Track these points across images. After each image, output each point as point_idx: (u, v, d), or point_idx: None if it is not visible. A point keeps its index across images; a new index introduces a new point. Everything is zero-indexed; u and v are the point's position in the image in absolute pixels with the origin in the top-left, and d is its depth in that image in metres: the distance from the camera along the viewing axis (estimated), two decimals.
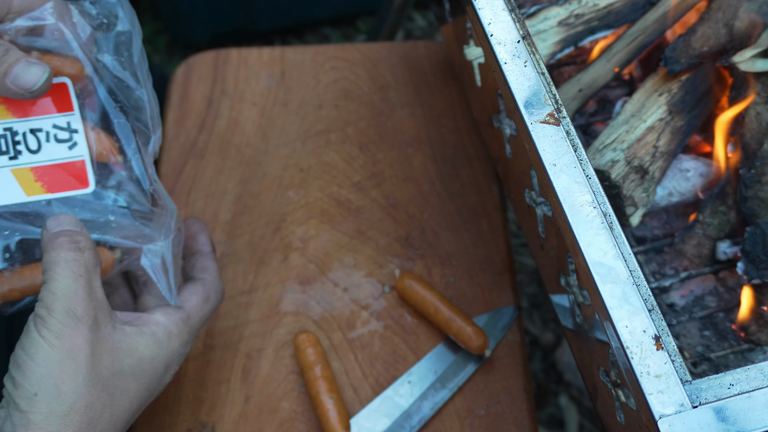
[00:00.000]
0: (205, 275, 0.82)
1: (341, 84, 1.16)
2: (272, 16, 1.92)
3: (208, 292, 0.80)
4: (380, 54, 1.19)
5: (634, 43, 0.94)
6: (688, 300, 0.91)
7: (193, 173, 1.09)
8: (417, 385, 0.94)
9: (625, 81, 1.03)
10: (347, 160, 1.10)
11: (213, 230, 1.04)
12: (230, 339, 0.97)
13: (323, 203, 1.07)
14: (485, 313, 0.99)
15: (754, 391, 0.62)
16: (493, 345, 0.96)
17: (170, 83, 1.16)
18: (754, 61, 0.87)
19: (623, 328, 0.64)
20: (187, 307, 0.78)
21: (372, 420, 0.92)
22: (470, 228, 1.05)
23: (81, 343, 0.67)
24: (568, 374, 1.61)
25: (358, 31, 2.03)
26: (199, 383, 0.95)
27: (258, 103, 1.14)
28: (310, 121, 1.13)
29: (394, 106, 1.14)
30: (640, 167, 0.87)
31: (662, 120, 0.89)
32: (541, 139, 0.72)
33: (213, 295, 0.81)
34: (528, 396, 0.95)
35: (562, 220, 0.69)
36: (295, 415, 0.93)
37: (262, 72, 1.17)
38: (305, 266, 1.02)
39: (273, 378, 0.95)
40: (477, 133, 1.12)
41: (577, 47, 0.96)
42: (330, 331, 0.98)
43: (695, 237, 0.91)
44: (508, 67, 0.76)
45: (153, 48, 2.01)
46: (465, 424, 0.93)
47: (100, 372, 0.68)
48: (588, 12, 0.95)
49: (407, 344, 0.97)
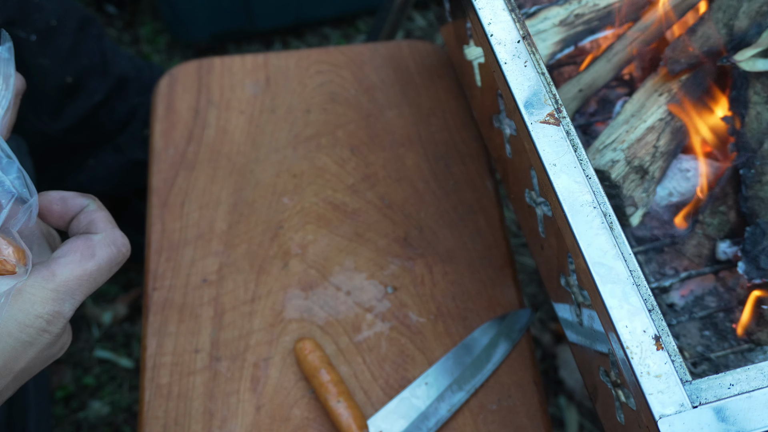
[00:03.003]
0: (92, 229, 0.65)
1: (328, 87, 1.16)
2: (272, 16, 1.92)
3: (92, 247, 0.63)
4: (364, 56, 1.19)
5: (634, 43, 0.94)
6: (688, 300, 0.91)
7: (185, 185, 1.08)
8: (434, 387, 0.94)
9: (625, 81, 1.03)
10: (339, 163, 1.10)
11: (210, 241, 1.04)
12: (236, 349, 0.97)
13: (319, 208, 1.07)
14: (501, 315, 0.99)
15: (754, 391, 0.62)
16: (510, 347, 0.97)
17: (154, 95, 1.15)
18: (754, 61, 0.87)
19: (623, 328, 0.64)
20: (54, 265, 0.61)
21: (389, 421, 0.92)
22: (468, 224, 1.05)
23: None
24: (568, 374, 1.61)
25: (358, 31, 2.03)
26: (208, 396, 0.94)
27: (245, 111, 1.14)
28: (299, 126, 1.13)
29: (382, 107, 1.14)
30: (640, 167, 0.87)
31: (662, 120, 0.89)
32: (541, 139, 0.72)
33: (101, 250, 0.63)
34: (538, 388, 0.96)
35: (562, 220, 0.69)
36: (307, 422, 0.93)
37: (246, 79, 1.16)
38: (306, 272, 1.02)
39: (282, 386, 0.95)
40: (467, 129, 1.12)
41: (577, 47, 0.96)
42: (336, 335, 0.98)
43: (695, 237, 0.91)
44: (508, 67, 0.76)
45: (153, 48, 2.00)
46: (478, 420, 0.93)
47: None
48: (588, 12, 0.95)
49: (414, 344, 0.98)
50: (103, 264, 0.63)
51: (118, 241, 0.65)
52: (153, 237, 1.04)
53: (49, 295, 0.60)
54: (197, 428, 0.93)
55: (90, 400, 1.58)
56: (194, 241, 1.04)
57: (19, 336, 0.60)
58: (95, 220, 0.65)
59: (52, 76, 1.31)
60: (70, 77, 1.32)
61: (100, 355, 1.62)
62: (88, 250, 0.63)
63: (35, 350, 0.61)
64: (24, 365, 0.61)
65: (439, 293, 1.01)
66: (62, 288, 0.61)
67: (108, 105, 1.40)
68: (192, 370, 0.96)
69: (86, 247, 0.63)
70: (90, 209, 0.66)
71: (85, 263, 0.62)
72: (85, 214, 0.66)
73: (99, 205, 0.67)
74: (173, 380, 0.95)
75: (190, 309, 0.99)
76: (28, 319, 0.59)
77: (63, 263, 0.62)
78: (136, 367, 1.61)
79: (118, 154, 1.46)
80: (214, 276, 1.02)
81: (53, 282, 0.61)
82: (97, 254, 0.63)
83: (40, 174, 1.28)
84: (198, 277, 1.01)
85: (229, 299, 1.00)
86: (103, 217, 0.66)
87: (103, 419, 1.56)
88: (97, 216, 0.66)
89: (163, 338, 0.98)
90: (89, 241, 0.63)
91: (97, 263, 0.63)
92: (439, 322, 0.99)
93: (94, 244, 0.63)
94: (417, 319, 0.99)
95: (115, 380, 1.60)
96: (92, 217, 0.65)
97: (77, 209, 0.66)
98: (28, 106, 1.31)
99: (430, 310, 1.00)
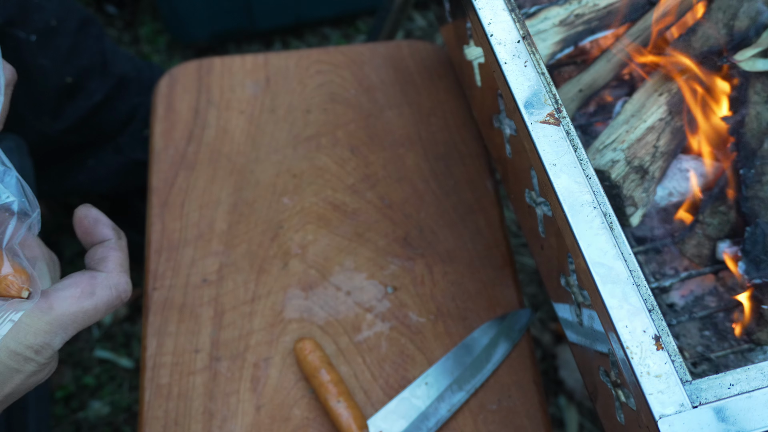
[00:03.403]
0: (101, 267, 0.66)
1: (327, 87, 1.16)
2: (272, 16, 1.92)
3: (94, 286, 0.64)
4: (364, 56, 1.19)
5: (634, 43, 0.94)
6: (688, 300, 0.91)
7: (185, 185, 1.08)
8: (434, 387, 0.94)
9: (625, 81, 1.03)
10: (339, 163, 1.10)
11: (210, 241, 1.04)
12: (236, 349, 0.97)
13: (319, 208, 1.07)
14: (501, 315, 0.99)
15: (754, 391, 0.62)
16: (510, 347, 0.97)
17: (154, 95, 1.15)
18: (754, 61, 0.87)
19: (623, 328, 0.64)
20: (53, 297, 0.62)
21: (389, 421, 0.92)
22: (468, 224, 1.05)
23: None
24: (568, 374, 1.61)
25: (358, 31, 2.03)
26: (208, 396, 0.94)
27: (245, 111, 1.14)
28: (299, 126, 1.13)
29: (382, 106, 1.14)
30: (640, 167, 0.87)
31: (662, 120, 0.89)
32: (541, 139, 0.72)
33: (101, 291, 0.64)
34: (538, 388, 0.96)
35: (562, 220, 0.69)
36: (307, 421, 0.93)
37: (246, 79, 1.16)
38: (306, 272, 1.02)
39: (282, 386, 0.95)
40: (467, 129, 1.12)
41: (577, 47, 0.96)
42: (336, 335, 0.98)
43: (695, 237, 0.91)
44: (508, 67, 0.76)
45: (153, 48, 2.00)
46: (478, 420, 0.93)
47: None
48: (588, 12, 0.95)
49: (414, 344, 0.98)
50: (100, 305, 0.63)
51: (120, 286, 0.65)
52: (153, 237, 1.04)
53: (43, 327, 0.60)
54: (197, 428, 0.93)
55: (90, 400, 1.58)
56: (194, 241, 1.04)
57: (8, 363, 0.60)
58: (107, 258, 0.66)
59: (52, 77, 1.31)
60: (70, 77, 1.32)
61: (100, 355, 1.62)
62: (89, 288, 0.63)
63: (21, 377, 0.61)
64: (9, 391, 0.61)
65: (439, 293, 1.01)
66: (57, 322, 0.61)
67: (108, 105, 1.40)
68: (192, 370, 0.96)
69: (88, 284, 0.63)
70: (109, 245, 0.67)
71: (84, 301, 0.63)
72: (103, 248, 0.66)
73: (120, 246, 0.67)
74: (173, 380, 0.95)
75: (190, 309, 0.99)
76: (19, 347, 0.60)
77: (62, 297, 0.62)
78: (136, 367, 1.61)
79: (118, 154, 1.46)
80: (214, 276, 1.02)
81: (49, 315, 0.61)
82: (96, 294, 0.63)
83: (40, 174, 1.28)
84: (198, 277, 1.01)
85: (229, 299, 1.00)
86: (116, 257, 0.66)
87: (103, 419, 1.56)
88: (111, 255, 0.66)
89: (163, 338, 0.98)
90: (93, 279, 0.64)
91: (94, 303, 0.63)
92: (439, 322, 0.99)
93: (97, 283, 0.64)
94: (417, 319, 0.99)
95: (115, 380, 1.60)
96: (107, 254, 0.66)
97: (100, 238, 0.67)
98: (28, 107, 1.31)
99: (430, 310, 1.00)
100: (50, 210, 1.73)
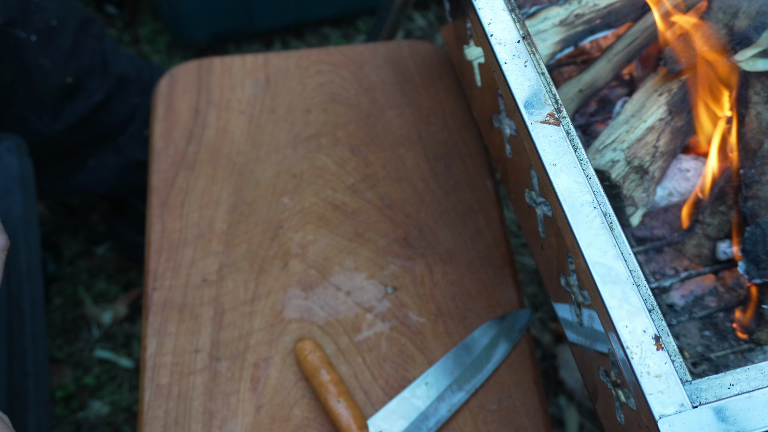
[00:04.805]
0: None
1: (328, 87, 1.16)
2: (272, 16, 1.92)
3: None
4: (364, 56, 1.19)
5: (634, 43, 0.94)
6: (688, 300, 0.91)
7: (185, 185, 1.08)
8: (434, 387, 0.94)
9: (625, 81, 1.03)
10: (339, 163, 1.10)
11: (210, 241, 1.04)
12: (236, 349, 0.97)
13: (319, 208, 1.07)
14: (501, 315, 0.99)
15: (754, 391, 0.62)
16: (510, 347, 0.97)
17: (154, 95, 1.15)
18: (754, 61, 0.87)
19: (623, 328, 0.64)
20: None
21: (389, 421, 0.92)
22: (468, 224, 1.05)
23: None
24: (568, 374, 1.61)
25: (358, 31, 2.03)
26: (208, 396, 0.94)
27: (245, 111, 1.14)
28: (299, 126, 1.13)
29: (382, 107, 1.14)
30: (640, 167, 0.87)
31: (662, 120, 0.89)
32: (541, 139, 0.72)
33: None
34: (538, 388, 0.96)
35: (562, 220, 0.69)
36: (307, 422, 0.93)
37: (246, 79, 1.16)
38: (306, 272, 1.02)
39: (282, 386, 0.95)
40: (467, 129, 1.12)
41: (577, 47, 0.96)
42: (336, 335, 0.98)
43: (695, 237, 0.91)
44: (508, 67, 0.76)
45: (153, 48, 2.00)
46: (478, 420, 0.93)
47: None
48: (588, 12, 0.95)
49: (414, 344, 0.98)
50: None
51: None
52: (153, 237, 1.04)
53: None
54: (197, 428, 0.93)
55: (90, 400, 1.58)
56: (194, 241, 1.04)
57: None
58: None
59: (53, 77, 1.31)
60: (70, 77, 1.32)
61: (100, 355, 1.62)
62: None
63: None
64: None
65: (439, 293, 1.01)
66: None
67: (108, 105, 1.40)
68: (192, 370, 0.96)
69: None
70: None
71: None
72: None
73: None
74: (173, 380, 0.95)
75: (190, 309, 1.00)
76: None
77: None
78: (136, 367, 1.61)
79: (118, 154, 1.46)
80: (214, 276, 1.02)
81: None
82: None
83: (40, 174, 1.28)
84: (198, 277, 1.02)
85: (229, 299, 1.00)
86: None
87: (103, 419, 1.56)
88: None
89: (163, 338, 0.98)
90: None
91: None
92: (439, 322, 0.99)
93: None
94: (417, 319, 0.99)
95: (115, 380, 1.60)
96: None
97: None
98: (28, 107, 1.31)
99: (430, 310, 1.00)
100: (50, 210, 1.73)
